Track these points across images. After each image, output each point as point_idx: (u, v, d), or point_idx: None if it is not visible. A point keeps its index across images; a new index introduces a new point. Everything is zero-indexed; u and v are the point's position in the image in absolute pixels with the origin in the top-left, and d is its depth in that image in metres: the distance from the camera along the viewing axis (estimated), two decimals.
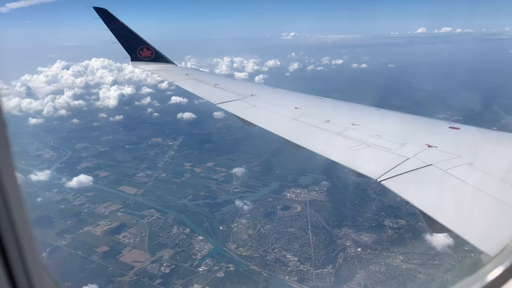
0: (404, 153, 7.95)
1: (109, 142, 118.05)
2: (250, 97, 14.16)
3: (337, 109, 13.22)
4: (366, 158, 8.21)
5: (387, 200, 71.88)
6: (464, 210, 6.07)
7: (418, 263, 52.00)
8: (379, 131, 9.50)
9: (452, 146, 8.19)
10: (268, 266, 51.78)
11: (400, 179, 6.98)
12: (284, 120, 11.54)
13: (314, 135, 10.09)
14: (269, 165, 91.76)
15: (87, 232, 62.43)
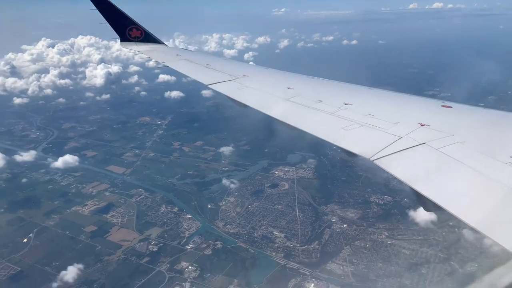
0: (396, 132, 7.95)
1: (96, 121, 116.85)
2: (242, 77, 14.00)
3: (329, 89, 13.15)
4: (359, 137, 8.20)
5: (373, 177, 72.58)
6: (456, 189, 6.03)
7: (402, 239, 53.00)
8: (371, 110, 9.48)
9: (445, 124, 8.18)
10: (255, 243, 52.43)
11: (393, 158, 7.00)
12: (276, 101, 11.44)
13: (307, 116, 10.05)
14: (258, 144, 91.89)
15: (74, 212, 62.34)
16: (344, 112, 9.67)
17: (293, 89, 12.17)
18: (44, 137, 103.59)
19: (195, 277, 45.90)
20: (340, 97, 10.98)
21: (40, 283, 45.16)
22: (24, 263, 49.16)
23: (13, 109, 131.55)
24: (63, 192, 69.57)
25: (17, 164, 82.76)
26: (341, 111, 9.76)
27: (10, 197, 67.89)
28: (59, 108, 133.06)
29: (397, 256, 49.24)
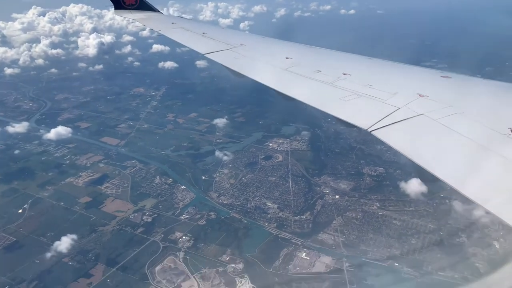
0: (395, 102, 7.90)
1: (90, 92, 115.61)
2: (239, 46, 13.74)
3: (328, 59, 12.96)
4: (357, 108, 8.18)
5: (367, 149, 73.02)
6: (454, 160, 6.03)
7: (394, 210, 53.72)
8: (370, 80, 9.42)
9: (444, 95, 8.13)
10: (249, 213, 53.04)
11: (391, 129, 6.99)
12: (274, 71, 11.32)
13: (305, 86, 9.94)
14: (253, 116, 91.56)
15: (69, 183, 62.52)
16: (343, 83, 9.61)
17: (291, 58, 12.00)
18: (37, 108, 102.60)
19: (189, 247, 46.62)
20: (339, 67, 10.94)
21: (35, 253, 45.75)
22: (19, 233, 49.66)
23: (4, 80, 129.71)
24: (57, 164, 69.54)
25: (10, 135, 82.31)
26: (340, 81, 9.69)
27: (3, 168, 67.84)
28: (52, 79, 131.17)
29: (388, 227, 50.07)
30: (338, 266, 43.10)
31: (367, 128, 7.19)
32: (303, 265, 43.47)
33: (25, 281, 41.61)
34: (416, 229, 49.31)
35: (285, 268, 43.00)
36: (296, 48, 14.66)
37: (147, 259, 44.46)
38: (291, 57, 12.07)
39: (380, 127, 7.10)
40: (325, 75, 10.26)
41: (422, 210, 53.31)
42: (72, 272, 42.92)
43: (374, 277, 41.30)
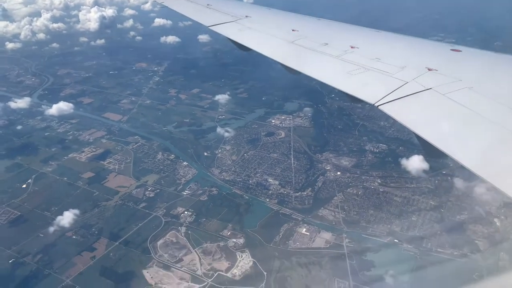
0: (403, 76, 7.77)
1: (92, 67, 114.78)
2: (244, 18, 13.50)
3: (335, 31, 12.73)
4: (364, 82, 8.07)
5: (370, 125, 72.64)
6: (462, 135, 5.93)
7: (395, 186, 53.75)
8: (378, 54, 9.24)
9: (453, 69, 7.95)
10: (250, 189, 53.28)
11: (398, 103, 6.91)
12: (280, 43, 11.16)
13: (311, 59, 9.81)
14: (256, 92, 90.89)
15: (72, 158, 62.87)
16: (350, 56, 9.46)
17: (297, 31, 11.79)
18: (39, 83, 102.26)
19: (191, 221, 47.12)
20: (347, 40, 10.71)
21: (40, 227, 46.46)
22: (23, 208, 50.32)
23: (6, 55, 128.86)
24: (60, 139, 69.78)
25: (13, 111, 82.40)
26: (347, 55, 9.55)
27: (7, 143, 68.24)
28: (54, 54, 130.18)
29: (389, 204, 50.21)
30: (337, 242, 43.50)
31: (374, 102, 7.09)
32: (303, 241, 43.91)
33: (30, 254, 42.41)
34: (417, 206, 49.43)
35: (285, 243, 43.48)
36: (303, 20, 14.39)
37: (149, 234, 45.06)
38: (297, 30, 11.86)
39: (388, 101, 6.99)
40: (332, 48, 10.09)
41: (423, 187, 53.31)
42: (75, 246, 43.64)
43: (373, 253, 41.68)
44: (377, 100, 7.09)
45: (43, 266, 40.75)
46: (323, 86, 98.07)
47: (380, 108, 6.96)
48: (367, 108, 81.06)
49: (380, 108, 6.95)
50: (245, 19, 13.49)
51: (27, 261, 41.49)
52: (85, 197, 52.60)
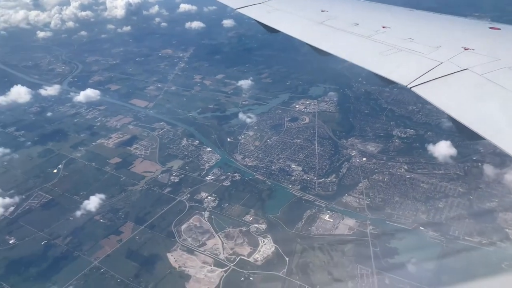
0: (437, 57, 7.53)
1: (119, 54, 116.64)
2: (272, 0, 13.26)
3: (366, 11, 12.44)
4: (397, 63, 7.88)
5: (398, 110, 70.86)
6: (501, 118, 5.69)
7: (422, 173, 52.38)
8: (411, 34, 8.99)
9: (491, 48, 7.63)
10: (273, 175, 53.21)
11: (432, 85, 6.69)
12: (309, 25, 11.01)
13: (341, 40, 9.65)
14: (280, 76, 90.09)
15: (100, 144, 64.52)
16: (382, 36, 9.21)
17: (327, 11, 11.58)
18: (69, 71, 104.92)
19: (214, 206, 47.63)
20: (378, 20, 10.44)
21: (69, 211, 48.14)
22: (54, 192, 52.23)
23: (38, 43, 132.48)
24: (88, 125, 71.65)
25: (45, 98, 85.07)
26: (379, 35, 9.29)
27: (39, 130, 70.66)
28: (83, 41, 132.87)
29: (415, 190, 49.04)
30: (361, 229, 42.96)
31: (406, 84, 6.89)
32: (326, 227, 43.62)
33: (61, 237, 44.12)
34: (445, 193, 48.05)
35: (308, 229, 43.34)
36: (333, 0, 14.05)
37: (173, 218, 45.91)
38: (327, 10, 11.65)
39: (421, 83, 6.77)
40: (363, 29, 9.84)
41: (452, 173, 51.71)
42: (103, 229, 45.05)
43: (397, 240, 40.97)
44: (410, 82, 6.86)
45: (73, 248, 42.35)
46: (350, 70, 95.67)
47: (413, 90, 6.72)
48: (395, 92, 78.94)
49: (413, 90, 6.71)
50: (273, 0, 13.24)
51: (58, 243, 43.21)
52: (113, 182, 54.00)
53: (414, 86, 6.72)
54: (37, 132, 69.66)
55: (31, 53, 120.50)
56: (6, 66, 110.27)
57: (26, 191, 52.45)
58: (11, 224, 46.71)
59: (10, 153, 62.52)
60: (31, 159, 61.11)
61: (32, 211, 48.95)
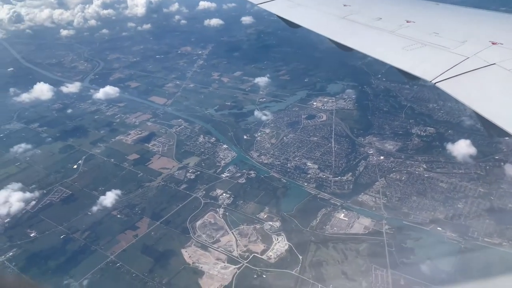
0: (463, 52, 7.39)
1: (140, 52, 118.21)
2: None
3: (390, 5, 12.32)
4: (421, 58, 7.75)
5: (418, 107, 69.52)
6: None
7: (442, 172, 51.25)
8: (436, 28, 8.85)
9: None
10: (288, 173, 52.99)
11: (458, 80, 6.55)
12: (331, 19, 10.96)
13: (363, 34, 9.59)
14: (298, 73, 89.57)
15: (119, 141, 65.59)
16: (406, 31, 9.07)
17: (349, 6, 11.47)
18: (91, 68, 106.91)
19: (229, 203, 47.80)
20: (402, 14, 10.29)
21: (88, 206, 49.12)
22: (74, 187, 53.42)
23: (62, 41, 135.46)
24: (108, 122, 72.92)
25: (66, 95, 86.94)
26: (402, 30, 9.15)
27: (61, 126, 72.35)
28: (104, 39, 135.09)
29: (434, 190, 48.01)
30: (377, 228, 42.37)
31: (431, 79, 6.80)
32: (341, 226, 43.19)
33: (79, 231, 45.13)
34: (464, 193, 46.88)
35: (322, 228, 43.00)
36: None
37: (189, 214, 46.29)
38: (349, 4, 11.53)
39: (446, 78, 6.63)
40: (386, 23, 9.71)
41: (472, 173, 50.43)
42: (120, 224, 45.82)
43: (414, 240, 40.22)
44: (435, 77, 6.73)
45: (90, 242, 43.25)
46: (370, 67, 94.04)
47: (437, 85, 6.60)
48: (415, 89, 77.34)
49: (437, 86, 6.59)
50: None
51: (76, 237, 44.20)
52: (130, 178, 54.84)
53: (438, 82, 6.60)
54: (59, 129, 71.33)
55: (55, 51, 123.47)
56: (31, 64, 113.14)
57: (47, 186, 53.84)
58: (32, 218, 48.03)
59: (33, 148, 64.20)
60: (53, 154, 62.66)
61: (52, 205, 50.21)
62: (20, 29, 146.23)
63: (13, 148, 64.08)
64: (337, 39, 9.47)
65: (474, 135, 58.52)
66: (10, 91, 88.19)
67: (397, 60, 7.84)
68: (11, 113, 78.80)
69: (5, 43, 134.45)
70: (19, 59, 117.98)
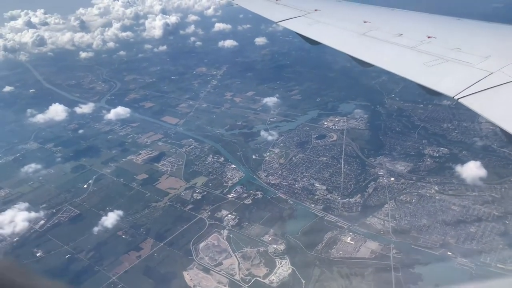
0: (487, 67, 7.22)
1: (156, 73, 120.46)
2: (313, 12, 13.43)
3: (410, 21, 12.35)
4: (443, 74, 7.67)
5: (431, 127, 68.03)
6: None
7: (454, 194, 49.56)
8: (458, 43, 8.70)
9: None
10: (295, 194, 52.21)
11: (482, 96, 6.41)
12: (351, 36, 11.01)
13: (384, 51, 9.59)
14: (310, 93, 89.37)
15: (129, 160, 66.28)
16: (427, 46, 8.95)
17: (369, 22, 11.45)
18: (108, 89, 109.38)
19: (233, 225, 47.25)
20: (423, 30, 10.16)
21: (94, 226, 49.39)
22: (82, 207, 53.95)
23: (82, 63, 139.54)
24: (120, 142, 73.97)
25: (83, 115, 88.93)
26: (424, 45, 9.05)
27: (75, 146, 73.80)
28: (123, 61, 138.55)
29: (445, 213, 46.37)
30: (384, 253, 41.01)
31: (453, 95, 6.62)
32: (347, 250, 41.97)
33: (84, 251, 45.30)
34: (477, 216, 45.07)
35: (328, 251, 41.88)
36: (375, 11, 13.99)
37: (192, 236, 45.94)
38: (369, 21, 11.51)
39: (469, 94, 6.45)
40: (407, 39, 9.61)
41: (487, 195, 48.53)
42: (124, 245, 45.81)
43: (422, 266, 38.68)
44: (457, 93, 6.55)
45: (94, 263, 43.27)
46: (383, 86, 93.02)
47: (460, 101, 6.40)
48: (429, 109, 75.89)
49: (460, 102, 6.40)
50: (314, 13, 13.31)
51: (81, 257, 44.34)
52: (138, 198, 55.08)
53: (461, 97, 6.46)
54: (73, 148, 72.72)
55: (75, 72, 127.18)
56: (51, 85, 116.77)
57: (56, 206, 54.57)
58: (40, 237, 48.58)
59: (46, 168, 65.53)
60: (65, 174, 63.73)
61: (60, 225, 50.77)
62: (43, 52, 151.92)
63: (28, 167, 65.51)
64: (357, 56, 9.50)
65: (489, 156, 56.78)
66: (28, 112, 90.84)
67: (418, 76, 7.78)
68: (29, 133, 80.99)
69: (28, 66, 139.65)
70: (41, 80, 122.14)
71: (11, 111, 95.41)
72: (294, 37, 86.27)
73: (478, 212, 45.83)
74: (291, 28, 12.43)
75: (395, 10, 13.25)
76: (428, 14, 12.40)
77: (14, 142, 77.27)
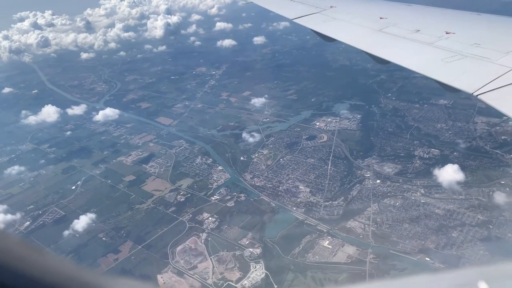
0: (507, 62, 7.06)
1: (156, 73, 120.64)
2: (329, 9, 13.26)
3: (428, 17, 12.12)
4: (461, 70, 7.51)
5: (425, 128, 66.73)
6: None
7: (439, 198, 48.47)
8: (477, 39, 8.49)
9: None
10: (279, 196, 51.69)
11: (502, 92, 6.24)
12: (367, 32, 10.87)
13: (401, 47, 9.46)
14: (306, 93, 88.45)
15: (119, 162, 66.54)
16: (445, 42, 8.80)
17: (386, 18, 11.27)
18: (107, 89, 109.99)
19: (213, 228, 47.01)
20: (441, 26, 9.94)
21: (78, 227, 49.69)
22: (68, 208, 54.34)
23: (83, 64, 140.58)
24: (113, 143, 74.32)
25: (79, 116, 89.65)
26: (441, 41, 8.89)
27: (68, 147, 74.45)
28: (126, 61, 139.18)
29: (428, 217, 45.34)
30: (361, 257, 40.31)
31: (472, 92, 6.50)
32: (324, 254, 41.37)
33: (64, 253, 45.55)
34: (461, 221, 43.99)
35: (304, 256, 41.33)
36: (392, 7, 13.70)
37: (171, 239, 45.83)
38: (386, 17, 11.35)
39: (489, 90, 6.28)
40: (424, 35, 9.47)
41: (473, 198, 47.36)
42: (104, 247, 46.00)
43: (398, 271, 37.86)
44: (476, 89, 6.40)
45: None
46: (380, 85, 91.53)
47: (479, 97, 6.27)
48: (425, 108, 74.43)
49: (479, 98, 6.27)
50: (329, 9, 13.09)
51: None
52: (122, 199, 55.23)
53: (480, 94, 6.32)
54: (66, 149, 73.37)
55: (78, 73, 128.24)
56: (54, 86, 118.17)
57: (43, 207, 55.10)
58: (23, 238, 48.95)
59: (38, 169, 66.25)
60: (55, 175, 64.32)
61: (44, 226, 51.25)
62: (47, 53, 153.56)
63: (20, 168, 66.31)
64: (374, 52, 9.34)
65: (481, 158, 55.44)
66: (28, 113, 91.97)
67: (436, 72, 7.61)
68: (27, 134, 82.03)
69: (34, 66, 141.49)
70: (44, 81, 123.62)
71: (12, 112, 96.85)
72: (295, 36, 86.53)
73: (462, 216, 44.72)
74: (307, 25, 12.25)
75: (412, 5, 13.00)
76: (446, 10, 12.00)
77: (11, 143, 78.35)
